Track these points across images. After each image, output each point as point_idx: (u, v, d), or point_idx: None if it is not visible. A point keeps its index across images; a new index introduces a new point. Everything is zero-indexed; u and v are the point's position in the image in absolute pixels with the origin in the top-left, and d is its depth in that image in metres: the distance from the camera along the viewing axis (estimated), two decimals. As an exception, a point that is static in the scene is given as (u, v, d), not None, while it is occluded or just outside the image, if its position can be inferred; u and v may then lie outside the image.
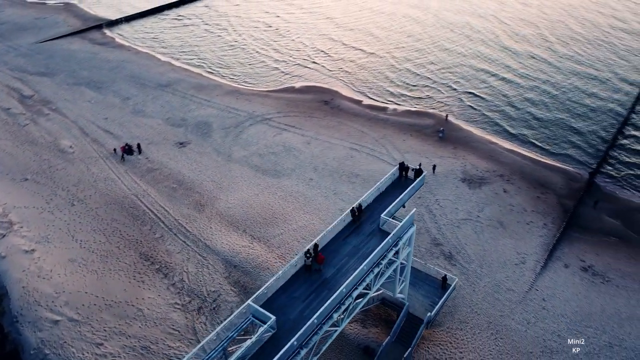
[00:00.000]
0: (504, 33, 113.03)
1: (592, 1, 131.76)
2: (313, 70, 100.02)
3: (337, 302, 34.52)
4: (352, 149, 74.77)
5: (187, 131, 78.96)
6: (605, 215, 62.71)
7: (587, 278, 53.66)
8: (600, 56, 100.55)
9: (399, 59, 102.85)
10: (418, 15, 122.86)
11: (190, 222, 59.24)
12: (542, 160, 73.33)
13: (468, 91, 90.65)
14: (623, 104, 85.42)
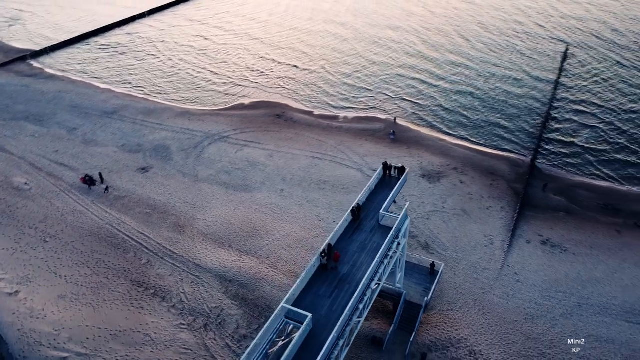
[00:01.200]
0: (422, 42, 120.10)
1: (493, 8, 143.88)
2: (254, 88, 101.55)
3: (360, 294, 37.23)
4: (314, 157, 77.75)
5: (146, 156, 78.15)
6: (551, 194, 70.21)
7: (547, 250, 60.10)
8: (511, 58, 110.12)
9: (333, 72, 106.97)
10: (340, 32, 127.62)
11: (174, 245, 59.28)
12: (487, 152, 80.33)
13: (404, 97, 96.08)
14: (542, 97, 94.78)
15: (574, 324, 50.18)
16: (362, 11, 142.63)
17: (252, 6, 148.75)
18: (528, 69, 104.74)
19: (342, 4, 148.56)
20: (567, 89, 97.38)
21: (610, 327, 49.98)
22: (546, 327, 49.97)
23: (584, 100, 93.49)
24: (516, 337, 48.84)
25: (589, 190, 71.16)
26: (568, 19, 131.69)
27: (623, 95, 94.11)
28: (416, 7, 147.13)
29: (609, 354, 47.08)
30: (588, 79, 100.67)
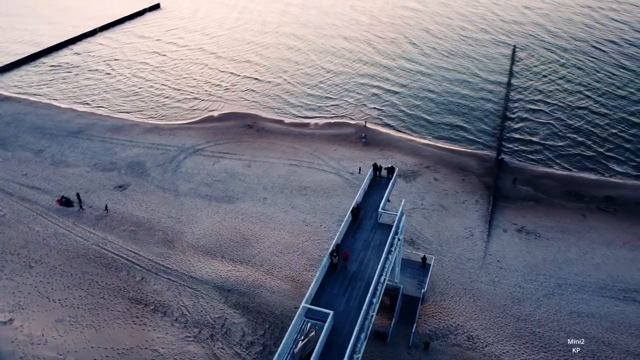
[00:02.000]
0: (375, 51, 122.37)
1: (437, 14, 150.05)
2: (218, 101, 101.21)
3: (374, 289, 39.12)
4: (291, 165, 79.18)
5: (121, 174, 77.07)
6: (519, 185, 74.78)
7: (523, 237, 64.17)
8: (461, 61, 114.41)
9: (294, 83, 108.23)
10: (294, 44, 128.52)
11: (166, 259, 59.11)
12: (455, 149, 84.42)
13: (366, 104, 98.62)
14: (496, 97, 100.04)
15: (557, 303, 54.03)
16: (311, 22, 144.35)
17: (203, 21, 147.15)
18: (480, 72, 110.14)
19: (290, 16, 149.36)
20: (518, 89, 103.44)
21: (589, 302, 54.16)
22: (532, 308, 53.53)
23: (536, 99, 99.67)
24: (507, 319, 52.08)
25: (552, 179, 76.33)
26: (509, 23, 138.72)
27: (568, 93, 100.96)
28: (363, 15, 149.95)
29: (592, 327, 51.06)
30: (536, 79, 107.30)
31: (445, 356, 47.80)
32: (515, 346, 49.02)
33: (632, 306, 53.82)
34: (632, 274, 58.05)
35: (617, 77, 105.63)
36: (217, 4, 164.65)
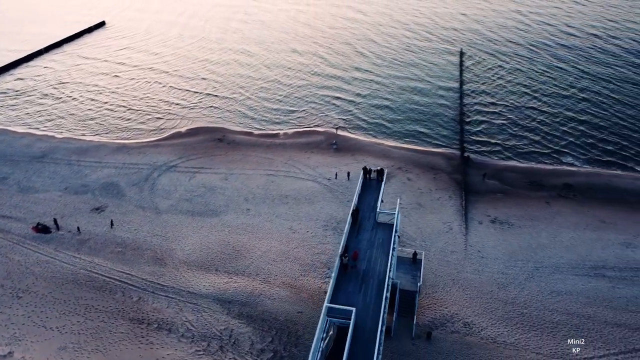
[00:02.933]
0: (327, 64, 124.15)
1: (378, 24, 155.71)
2: (181, 118, 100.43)
3: (386, 285, 41.36)
4: (268, 175, 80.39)
5: (96, 196, 75.53)
6: (486, 179, 79.56)
7: (498, 227, 68.58)
8: (412, 68, 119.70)
9: (254, 97, 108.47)
10: (247, 60, 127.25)
11: (160, 277, 58.83)
12: (422, 150, 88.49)
13: (327, 113, 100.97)
14: (451, 98, 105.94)
15: (537, 285, 58.36)
16: (257, 38, 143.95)
17: (150, 39, 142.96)
18: (431, 77, 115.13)
19: (235, 33, 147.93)
20: (471, 91, 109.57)
21: (565, 281, 58.84)
22: (516, 291, 57.56)
23: (488, 99, 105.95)
24: (496, 304, 55.75)
25: (514, 172, 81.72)
26: (450, 30, 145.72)
27: (516, 93, 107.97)
28: (307, 28, 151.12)
29: (571, 303, 55.58)
30: (485, 80, 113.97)
31: (447, 343, 50.68)
32: (508, 328, 52.66)
33: (603, 281, 58.96)
34: (598, 253, 63.47)
35: (553, 75, 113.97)
36: (161, 21, 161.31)
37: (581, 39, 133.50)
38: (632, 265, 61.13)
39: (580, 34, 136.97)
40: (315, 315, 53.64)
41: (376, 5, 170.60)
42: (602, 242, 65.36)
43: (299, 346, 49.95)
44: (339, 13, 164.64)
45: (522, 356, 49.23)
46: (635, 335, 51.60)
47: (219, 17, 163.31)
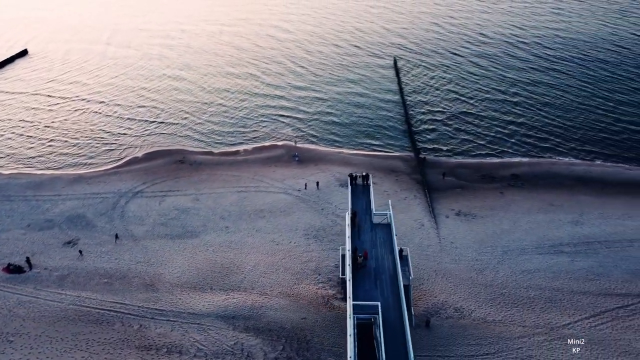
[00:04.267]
0: (263, 82, 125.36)
1: (309, 34, 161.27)
2: (130, 145, 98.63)
3: (399, 279, 44.87)
4: (239, 192, 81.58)
5: (63, 230, 73.02)
6: (442, 176, 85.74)
7: (463, 219, 74.51)
8: (350, 77, 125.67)
9: (201, 121, 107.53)
10: (180, 85, 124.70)
11: (156, 302, 58.50)
12: (380, 154, 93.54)
13: (278, 129, 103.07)
14: (395, 104, 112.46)
15: (509, 266, 64.46)
16: (192, 64, 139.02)
17: (77, 69, 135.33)
18: (373, 85, 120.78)
19: (167, 60, 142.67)
20: (412, 95, 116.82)
21: (532, 261, 65.41)
22: (492, 274, 63.25)
23: (429, 104, 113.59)
24: (478, 288, 60.96)
25: (467, 168, 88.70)
26: (376, 43, 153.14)
27: (453, 99, 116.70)
28: (238, 51, 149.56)
29: (541, 279, 61.99)
30: (423, 84, 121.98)
31: (444, 329, 54.94)
32: (493, 307, 57.93)
33: (562, 257, 66.16)
34: (553, 232, 70.96)
35: (479, 79, 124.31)
36: (84, 50, 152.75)
37: (494, 45, 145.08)
38: (583, 240, 69.00)
39: (493, 40, 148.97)
40: (319, 319, 56.13)
41: (299, 23, 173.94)
42: (554, 222, 73.08)
43: (311, 350, 52.06)
44: (265, 33, 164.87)
45: (510, 330, 54.51)
46: (599, 299, 58.66)
47: (145, 43, 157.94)
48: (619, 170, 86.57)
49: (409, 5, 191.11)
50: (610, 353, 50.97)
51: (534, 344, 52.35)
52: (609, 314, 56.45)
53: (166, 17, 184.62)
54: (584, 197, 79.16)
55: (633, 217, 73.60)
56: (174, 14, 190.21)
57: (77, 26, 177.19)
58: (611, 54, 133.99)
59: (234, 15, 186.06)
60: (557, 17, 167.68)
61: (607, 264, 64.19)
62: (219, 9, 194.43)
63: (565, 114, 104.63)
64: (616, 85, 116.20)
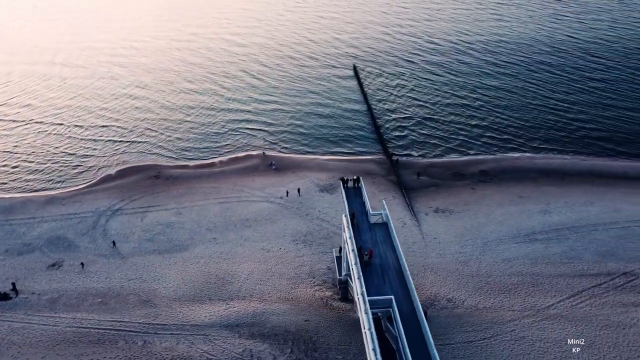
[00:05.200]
0: (224, 97, 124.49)
1: (260, 46, 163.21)
2: (100, 164, 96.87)
3: (406, 273, 47.32)
4: (221, 203, 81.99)
5: (45, 252, 71.13)
6: (416, 177, 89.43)
7: (442, 215, 78.24)
8: (309, 86, 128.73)
9: (170, 138, 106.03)
10: (140, 104, 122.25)
11: (156, 318, 58.30)
12: (353, 159, 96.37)
13: (246, 143, 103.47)
14: (361, 110, 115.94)
15: (491, 256, 68.44)
16: (147, 83, 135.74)
17: (25, 88, 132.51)
18: (333, 92, 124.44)
19: (122, 79, 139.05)
20: (376, 100, 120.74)
21: (510, 250, 69.68)
22: (477, 265, 66.98)
23: (394, 108, 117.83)
24: (465, 279, 64.43)
25: (438, 167, 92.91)
26: (328, 47, 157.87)
27: (417, 100, 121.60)
28: (193, 67, 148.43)
29: (521, 266, 66.21)
30: (386, 92, 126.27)
31: (441, 319, 57.84)
32: (482, 295, 61.48)
33: (537, 244, 70.84)
34: (525, 222, 75.73)
35: (436, 82, 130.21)
36: (31, 71, 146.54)
37: (443, 52, 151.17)
38: (553, 228, 74.08)
39: (443, 47, 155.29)
40: (322, 320, 57.80)
41: (251, 35, 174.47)
42: (525, 213, 78.01)
43: (318, 350, 53.58)
44: (217, 47, 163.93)
45: (501, 315, 58.12)
46: (575, 280, 63.37)
47: (94, 62, 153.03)
48: (576, 161, 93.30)
49: (358, 15, 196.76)
50: (593, 328, 55.36)
51: (524, 325, 56.09)
52: (586, 293, 61.15)
53: (113, 34, 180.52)
54: (548, 188, 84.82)
55: (594, 203, 79.66)
56: (120, 30, 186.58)
57: (19, 46, 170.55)
58: (549, 55, 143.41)
59: (184, 30, 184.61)
60: (499, 23, 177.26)
61: (578, 247, 69.31)
62: (167, 24, 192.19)
63: (517, 113, 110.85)
64: (558, 84, 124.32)
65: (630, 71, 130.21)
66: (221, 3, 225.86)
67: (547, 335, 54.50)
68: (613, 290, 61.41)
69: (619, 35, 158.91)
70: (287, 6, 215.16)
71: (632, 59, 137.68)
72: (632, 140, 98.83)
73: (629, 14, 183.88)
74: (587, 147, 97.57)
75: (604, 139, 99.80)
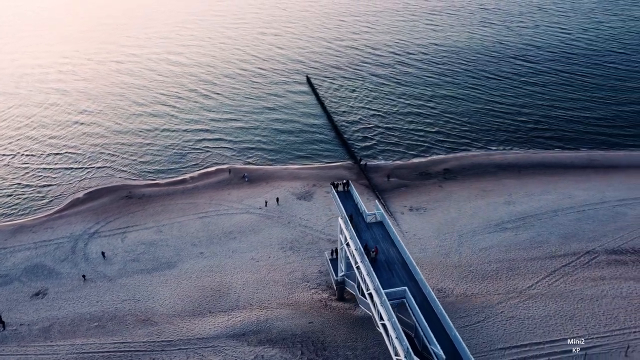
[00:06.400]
0: (178, 117, 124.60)
1: (204, 64, 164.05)
2: (62, 191, 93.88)
3: (412, 266, 50.49)
4: (200, 217, 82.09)
5: (24, 282, 68.48)
6: (386, 178, 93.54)
7: (416, 213, 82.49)
8: (270, 102, 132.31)
9: (133, 162, 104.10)
10: (94, 131, 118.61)
11: (160, 335, 58.02)
12: (323, 166, 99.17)
13: (209, 158, 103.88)
14: (320, 118, 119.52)
15: (468, 247, 73.20)
16: (94, 110, 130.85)
17: None
18: (288, 106, 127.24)
19: (65, 106, 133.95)
20: (334, 108, 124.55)
21: (485, 239, 74.80)
22: (457, 256, 71.45)
23: (353, 116, 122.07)
24: (449, 270, 68.65)
25: (405, 169, 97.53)
26: (275, 64, 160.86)
27: (373, 109, 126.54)
28: (143, 79, 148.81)
29: (497, 253, 71.34)
30: (341, 96, 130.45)
31: (435, 308, 61.44)
32: (468, 283, 65.84)
33: (507, 232, 76.47)
34: (493, 213, 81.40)
35: (387, 92, 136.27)
36: None
37: (387, 64, 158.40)
38: (519, 217, 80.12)
39: (387, 58, 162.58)
40: (324, 320, 59.82)
41: (194, 54, 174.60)
42: (491, 205, 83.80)
43: (328, 348, 55.55)
44: (160, 67, 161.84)
45: (489, 299, 62.61)
46: (547, 262, 69.16)
47: (26, 89, 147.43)
48: (528, 155, 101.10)
49: (298, 29, 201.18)
50: (570, 302, 60.90)
51: (511, 306, 60.79)
52: (558, 272, 66.97)
53: (44, 59, 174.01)
54: (508, 181, 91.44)
55: (550, 192, 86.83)
56: (51, 53, 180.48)
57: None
58: (485, 61, 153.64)
59: (121, 50, 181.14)
60: (434, 34, 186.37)
61: (544, 233, 75.53)
62: (102, 46, 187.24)
63: (467, 117, 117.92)
64: (496, 89, 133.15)
65: (555, 72, 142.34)
66: (151, 22, 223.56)
67: (533, 312, 59.40)
68: (581, 267, 67.64)
69: (543, 40, 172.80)
70: (226, 25, 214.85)
71: (559, 62, 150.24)
72: (573, 135, 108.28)
73: (550, 19, 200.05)
74: (535, 142, 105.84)
75: (550, 135, 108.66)
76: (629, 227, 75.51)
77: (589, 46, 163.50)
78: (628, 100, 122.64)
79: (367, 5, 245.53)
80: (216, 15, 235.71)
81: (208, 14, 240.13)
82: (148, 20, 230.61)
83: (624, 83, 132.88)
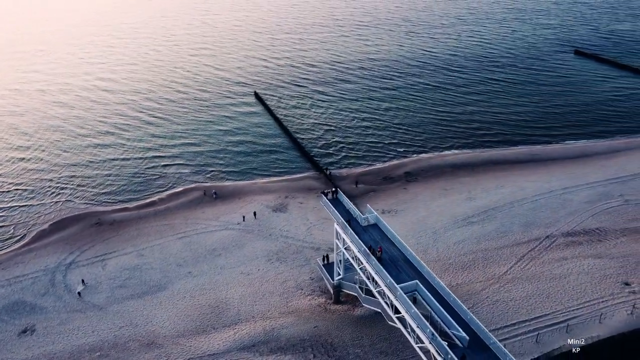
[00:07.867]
0: (128, 143, 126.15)
1: (148, 81, 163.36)
2: (22, 226, 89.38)
3: (416, 262, 54.50)
4: (180, 238, 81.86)
5: (7, 320, 65.28)
6: (354, 185, 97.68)
7: (389, 215, 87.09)
8: (219, 120, 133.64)
9: (88, 189, 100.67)
10: (37, 157, 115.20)
11: (168, 357, 57.89)
12: (292, 177, 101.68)
13: (173, 183, 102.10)
14: (276, 131, 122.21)
15: (443, 242, 78.66)
16: (33, 142, 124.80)
17: None
18: (241, 122, 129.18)
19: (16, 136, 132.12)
20: (288, 121, 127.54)
21: (457, 234, 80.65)
22: (435, 251, 76.60)
23: (307, 122, 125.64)
24: (431, 265, 72.95)
25: (369, 174, 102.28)
26: (219, 81, 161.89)
27: (327, 121, 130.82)
28: (80, 102, 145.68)
29: (470, 245, 77.30)
30: (297, 112, 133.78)
31: (427, 300, 65.82)
32: (451, 275, 71.00)
33: (475, 226, 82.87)
34: (458, 209, 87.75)
35: (332, 103, 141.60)
36: None
37: (326, 78, 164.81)
38: (481, 211, 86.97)
39: (325, 72, 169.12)
40: (328, 323, 62.43)
41: (127, 73, 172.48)
42: (455, 202, 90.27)
43: (337, 349, 58.18)
44: (99, 89, 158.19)
45: (474, 287, 68.01)
46: (514, 249, 75.88)
47: None
48: (477, 154, 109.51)
49: (233, 48, 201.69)
50: (542, 282, 67.56)
51: (494, 291, 66.51)
52: (526, 257, 73.84)
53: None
54: (464, 179, 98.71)
55: (504, 186, 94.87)
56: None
57: None
58: (417, 70, 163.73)
59: (44, 79, 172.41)
60: (367, 47, 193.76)
61: (506, 223, 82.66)
62: (21, 75, 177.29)
63: (414, 125, 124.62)
64: (435, 97, 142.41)
65: (484, 80, 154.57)
66: (74, 44, 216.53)
67: (514, 295, 65.38)
68: (545, 251, 74.99)
69: (468, 49, 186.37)
70: (156, 46, 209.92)
71: (486, 70, 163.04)
72: (512, 134, 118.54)
73: (469, 28, 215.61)
74: (481, 142, 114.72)
75: (492, 136, 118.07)
76: (577, 211, 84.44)
77: (508, 53, 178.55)
78: (550, 100, 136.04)
79: (296, 19, 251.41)
80: (144, 36, 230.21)
81: (134, 34, 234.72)
82: (69, 43, 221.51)
83: (545, 87, 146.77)
